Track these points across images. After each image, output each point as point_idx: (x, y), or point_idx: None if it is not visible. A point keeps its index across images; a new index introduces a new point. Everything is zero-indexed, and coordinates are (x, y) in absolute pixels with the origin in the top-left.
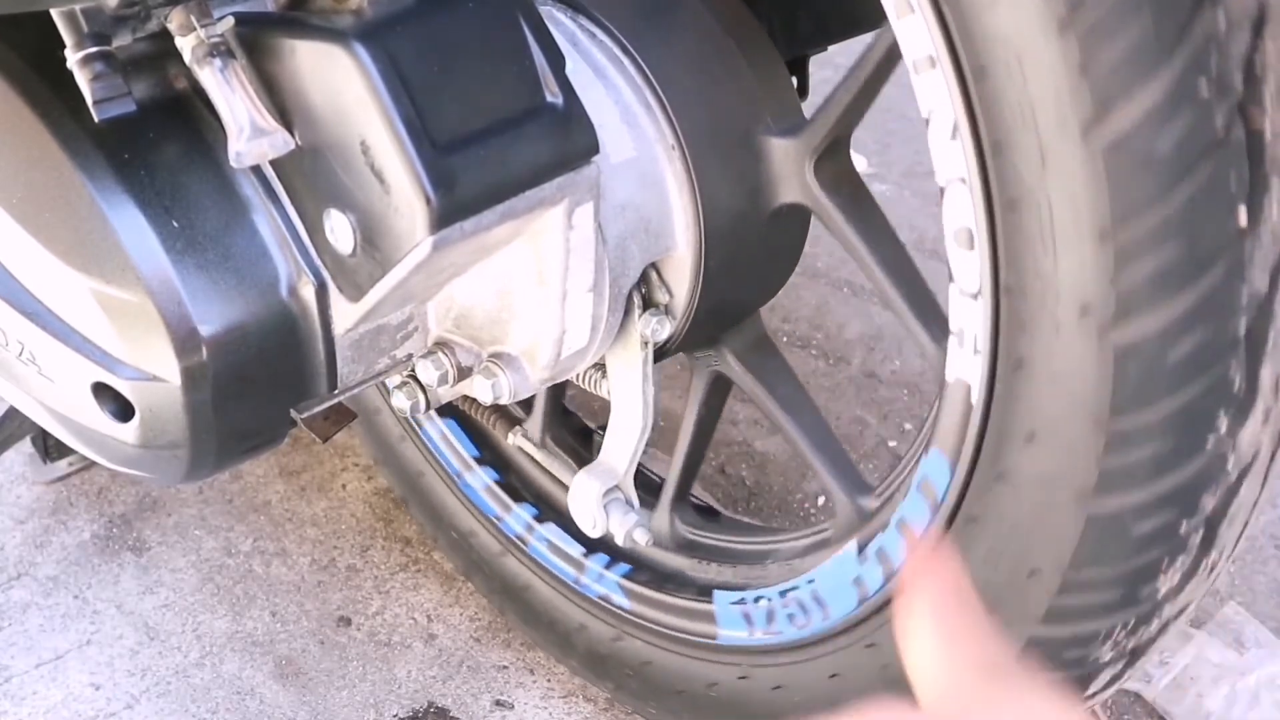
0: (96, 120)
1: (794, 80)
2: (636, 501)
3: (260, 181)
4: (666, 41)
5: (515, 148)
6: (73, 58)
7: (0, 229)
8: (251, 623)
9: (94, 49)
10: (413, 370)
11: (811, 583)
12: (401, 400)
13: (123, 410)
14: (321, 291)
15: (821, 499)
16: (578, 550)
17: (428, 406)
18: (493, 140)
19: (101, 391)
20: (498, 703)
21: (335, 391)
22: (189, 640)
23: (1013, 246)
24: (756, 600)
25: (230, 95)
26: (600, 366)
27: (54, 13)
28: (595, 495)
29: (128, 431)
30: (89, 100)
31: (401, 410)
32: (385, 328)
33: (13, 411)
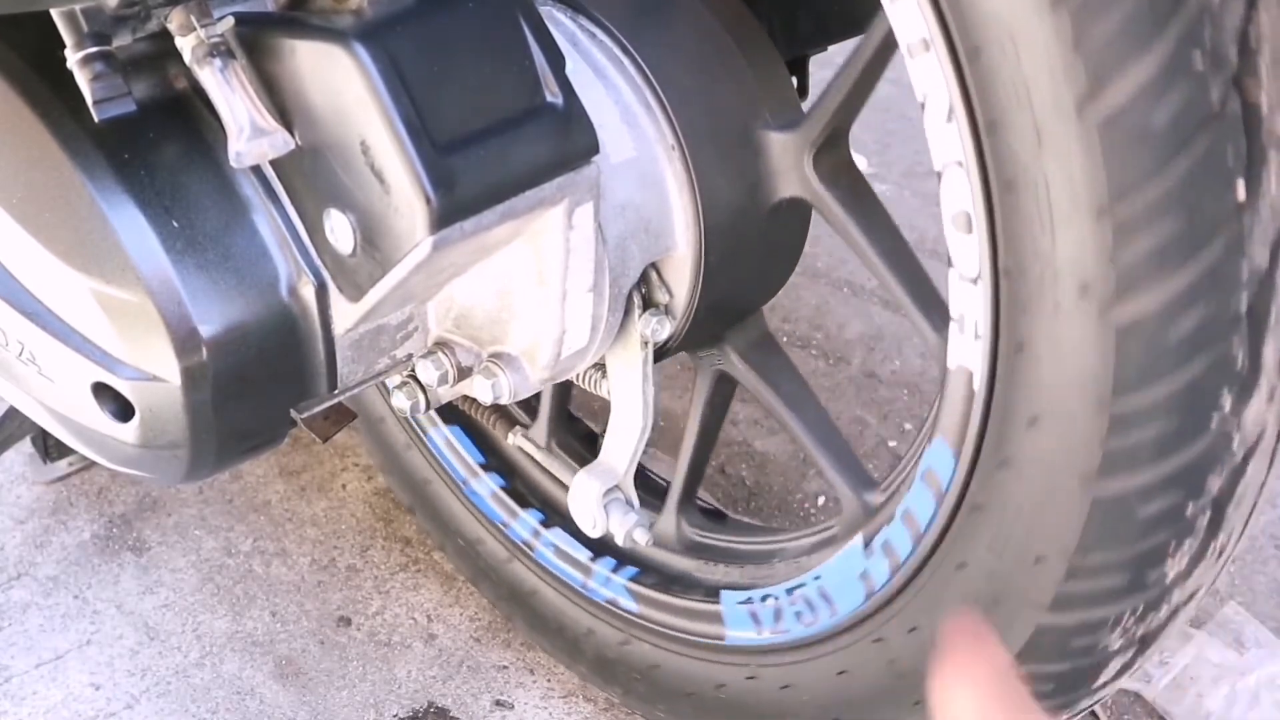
0: (96, 120)
1: (794, 80)
2: (636, 501)
3: (260, 181)
4: (666, 41)
5: (515, 148)
6: (73, 58)
7: (0, 229)
8: (251, 623)
9: (94, 49)
10: (413, 370)
11: (818, 579)
12: (401, 400)
13: (123, 410)
14: (321, 291)
15: (821, 499)
16: (584, 555)
17: (428, 406)
18: (493, 140)
19: (101, 391)
20: (498, 703)
21: (335, 391)
22: (189, 640)
23: (1011, 228)
24: (764, 599)
25: (230, 95)
26: (600, 366)
27: (54, 13)
28: (595, 495)
29: (128, 431)
30: (89, 100)
31: (401, 410)
32: (385, 328)
33: (13, 411)
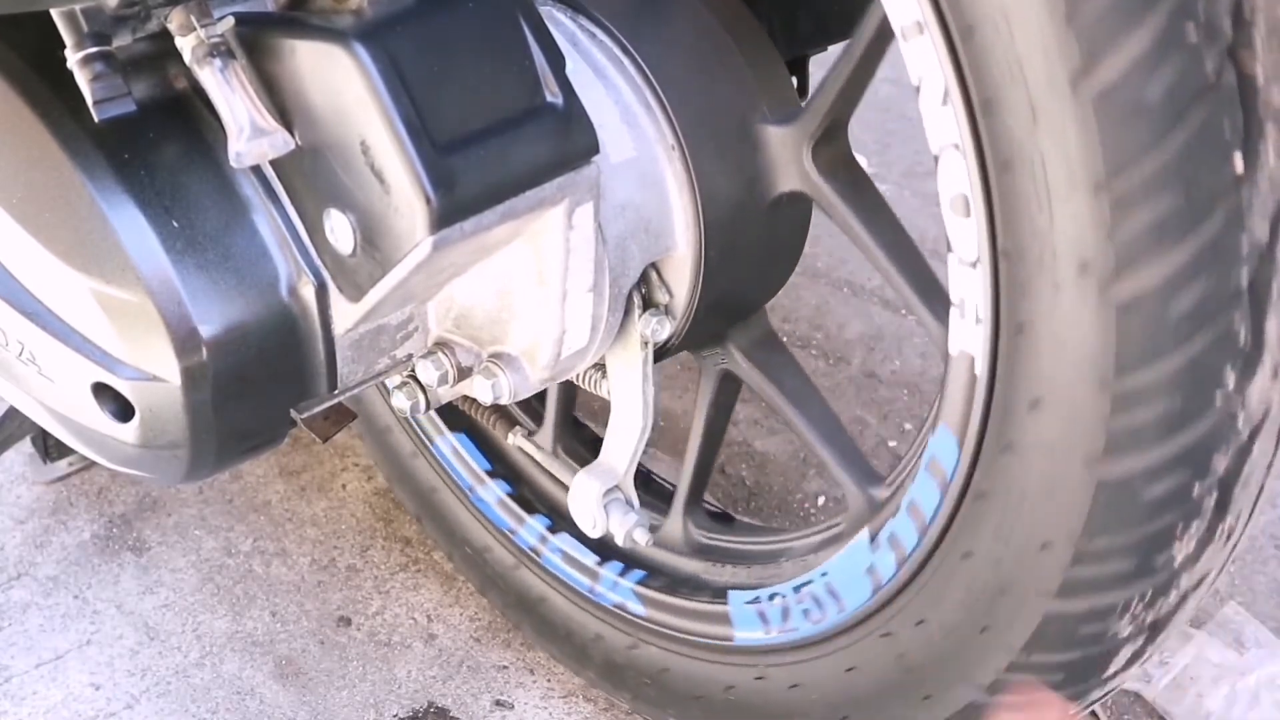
0: (96, 120)
1: (794, 80)
2: (636, 501)
3: (260, 181)
4: (666, 41)
5: (515, 148)
6: (73, 58)
7: (0, 229)
8: (251, 623)
9: (94, 49)
10: (413, 370)
11: (825, 575)
12: (401, 400)
13: (123, 410)
14: (321, 291)
15: (821, 499)
16: (592, 559)
17: (428, 406)
18: (493, 140)
19: (101, 391)
20: (498, 703)
21: (335, 391)
22: (189, 640)
23: (1008, 208)
24: (771, 598)
25: (230, 95)
26: (600, 366)
27: (54, 13)
28: (595, 495)
29: (128, 431)
30: (89, 100)
31: (401, 410)
32: (385, 328)
33: (13, 411)
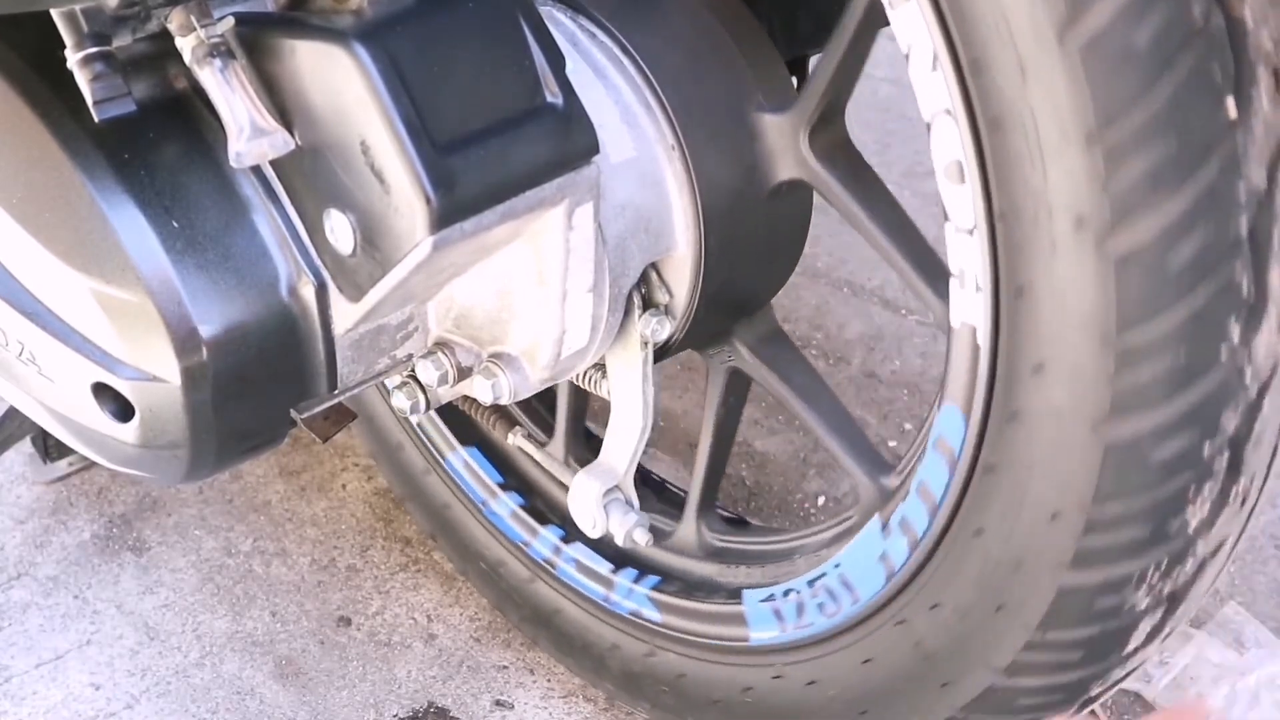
0: (96, 120)
1: (794, 80)
2: (637, 501)
3: (260, 181)
4: (666, 41)
5: (515, 148)
6: (73, 58)
7: (0, 229)
8: (251, 623)
9: (94, 49)
10: (413, 370)
11: (838, 567)
12: (401, 400)
13: (123, 410)
14: (321, 291)
15: (821, 499)
16: (606, 567)
17: (428, 406)
18: (493, 140)
19: (101, 391)
20: (498, 703)
21: (335, 391)
22: (189, 640)
23: (1002, 170)
24: (786, 594)
25: (230, 95)
26: (600, 366)
27: (54, 13)
28: (595, 495)
29: (128, 431)
30: (89, 100)
31: (401, 410)
32: (385, 328)
33: (13, 411)
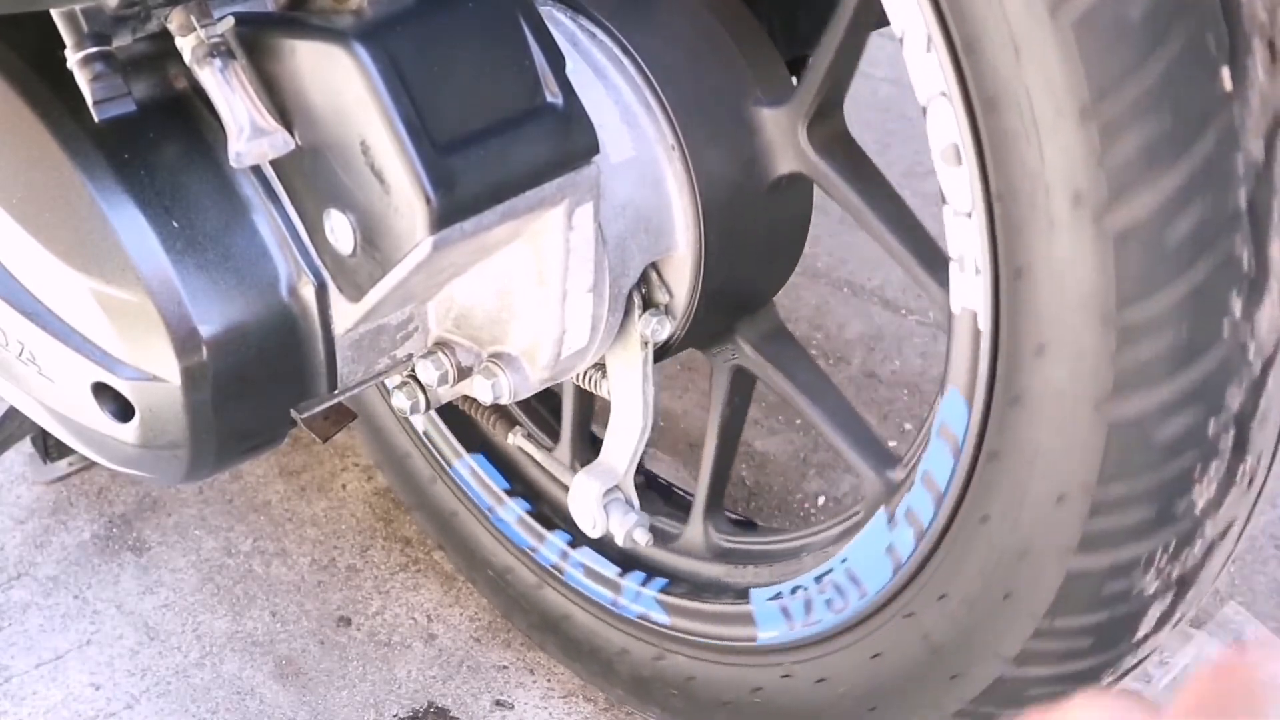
0: (96, 120)
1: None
2: (637, 501)
3: (260, 181)
4: (666, 41)
5: (515, 148)
6: (73, 58)
7: (0, 229)
8: (251, 623)
9: (94, 49)
10: (413, 370)
11: (845, 562)
12: (401, 400)
13: (123, 410)
14: (321, 291)
15: (821, 499)
16: (613, 571)
17: (428, 406)
18: (493, 140)
19: (101, 391)
20: (498, 703)
21: (335, 391)
22: (189, 640)
23: (998, 149)
24: (793, 592)
25: (230, 95)
26: (600, 366)
27: (54, 13)
28: (595, 495)
29: (128, 431)
30: (89, 100)
31: (401, 410)
32: (385, 328)
33: (13, 411)
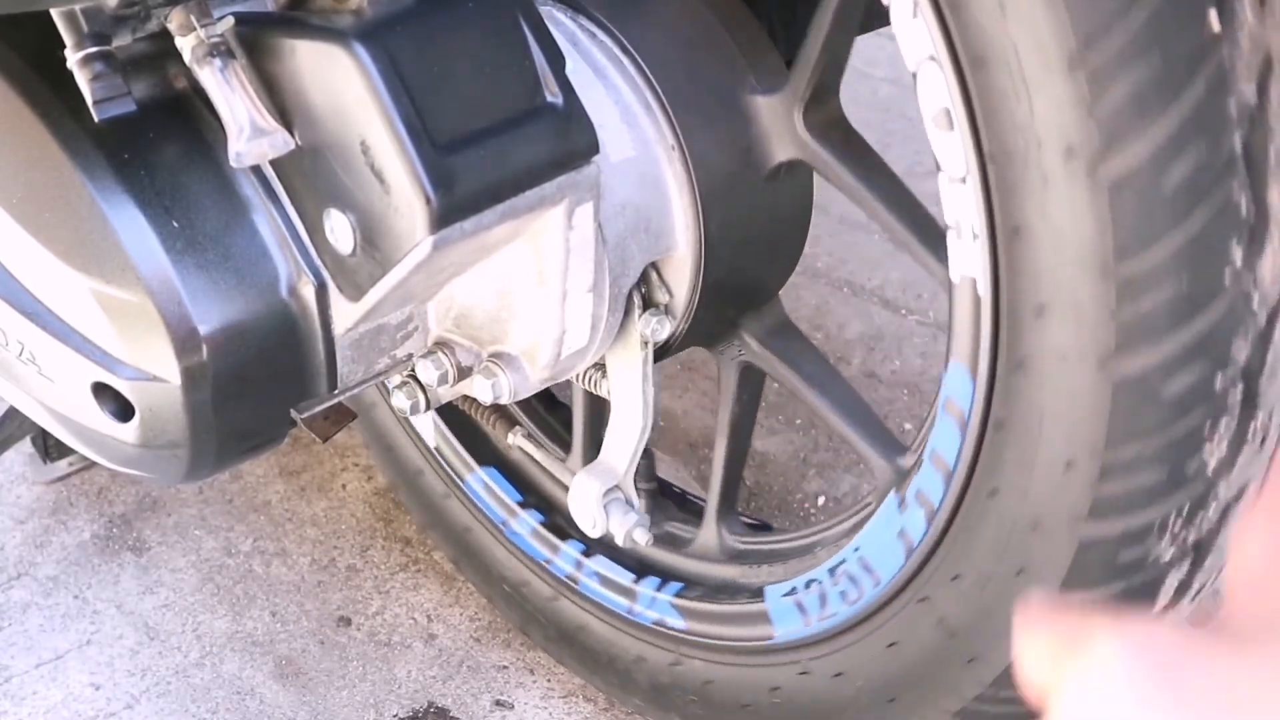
0: (96, 120)
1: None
2: (637, 501)
3: (260, 181)
4: (666, 40)
5: (515, 147)
6: (73, 58)
7: (0, 229)
8: (251, 623)
9: (94, 49)
10: (413, 370)
11: (857, 550)
12: (401, 400)
13: (123, 410)
14: (321, 291)
15: (821, 499)
16: (628, 578)
17: (428, 406)
18: (493, 140)
19: (101, 391)
20: (498, 703)
21: (335, 391)
22: (189, 640)
23: (989, 109)
24: (807, 586)
25: (230, 95)
26: (600, 366)
27: (54, 13)
28: (595, 495)
29: (128, 431)
30: (89, 100)
31: (401, 410)
32: (385, 327)
33: (13, 411)
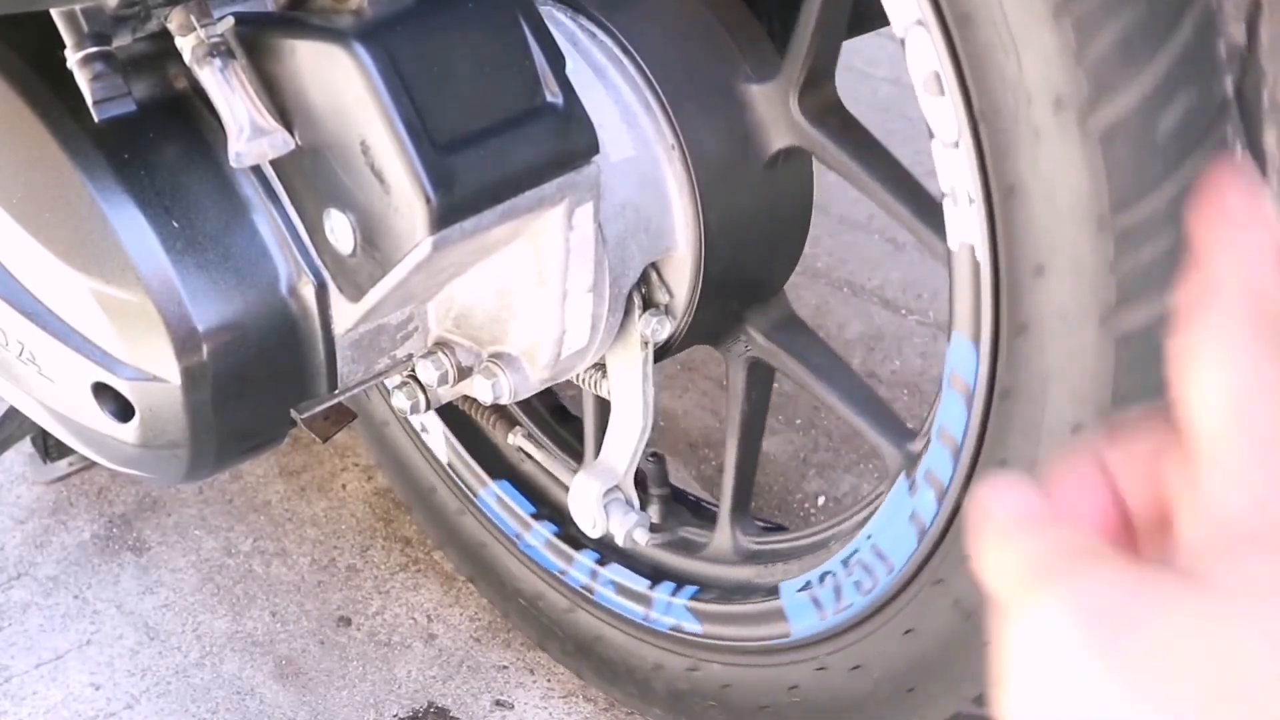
0: (96, 120)
1: None
2: (637, 501)
3: (260, 181)
4: (665, 40)
5: (515, 148)
6: (73, 58)
7: (0, 229)
8: (251, 623)
9: (94, 49)
10: (413, 370)
11: (870, 538)
12: (401, 400)
13: (123, 410)
14: (321, 291)
15: (821, 499)
16: (643, 584)
17: (428, 406)
18: (493, 140)
19: (101, 391)
20: (498, 703)
21: (335, 391)
22: (189, 640)
23: (977, 67)
24: (822, 579)
25: (230, 95)
26: (600, 366)
27: (54, 13)
28: (595, 495)
29: (128, 431)
30: (89, 100)
31: (401, 410)
32: (385, 328)
33: (13, 411)
